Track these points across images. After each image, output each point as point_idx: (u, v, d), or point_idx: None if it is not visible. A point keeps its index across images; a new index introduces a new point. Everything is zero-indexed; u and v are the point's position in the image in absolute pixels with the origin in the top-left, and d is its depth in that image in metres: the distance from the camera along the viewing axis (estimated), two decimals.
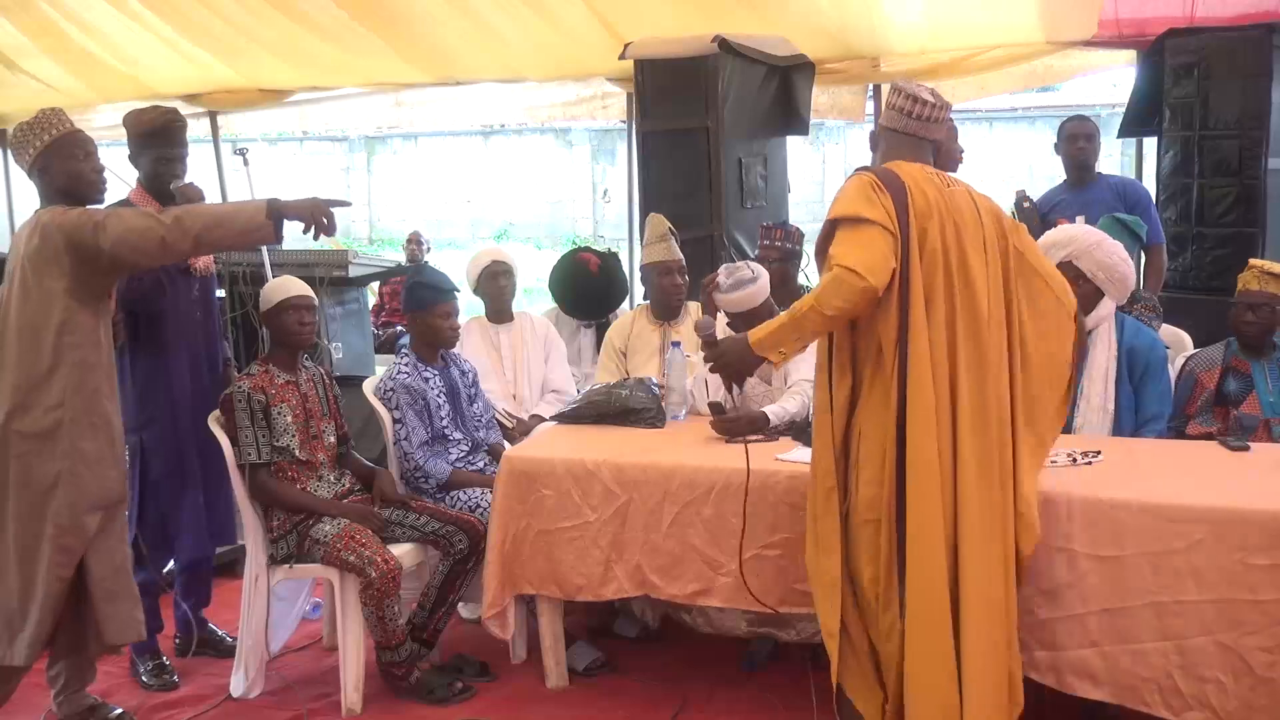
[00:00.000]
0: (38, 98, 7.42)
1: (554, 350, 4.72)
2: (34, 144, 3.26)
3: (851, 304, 2.80)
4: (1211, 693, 2.76)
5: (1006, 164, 14.09)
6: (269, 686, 3.72)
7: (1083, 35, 5.54)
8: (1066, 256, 3.68)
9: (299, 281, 3.83)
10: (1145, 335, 3.80)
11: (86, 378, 3.20)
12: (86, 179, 3.29)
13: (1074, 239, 3.73)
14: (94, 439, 3.22)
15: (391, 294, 8.21)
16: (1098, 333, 3.71)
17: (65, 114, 3.33)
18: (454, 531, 3.72)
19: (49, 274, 3.15)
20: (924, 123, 2.98)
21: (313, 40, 6.47)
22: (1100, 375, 3.69)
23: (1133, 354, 3.73)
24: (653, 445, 3.62)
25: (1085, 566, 2.89)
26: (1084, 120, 5.15)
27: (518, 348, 4.65)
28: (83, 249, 3.15)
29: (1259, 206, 4.97)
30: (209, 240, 3.31)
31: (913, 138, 2.99)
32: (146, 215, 3.26)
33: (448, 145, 18.42)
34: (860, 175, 2.95)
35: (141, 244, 3.19)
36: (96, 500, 3.22)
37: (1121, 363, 3.72)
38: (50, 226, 3.16)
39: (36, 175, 3.30)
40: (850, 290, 2.77)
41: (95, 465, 3.21)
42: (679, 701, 3.55)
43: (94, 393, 3.22)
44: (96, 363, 3.24)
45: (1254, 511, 2.77)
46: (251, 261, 4.73)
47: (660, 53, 5.21)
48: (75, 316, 3.18)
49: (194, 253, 3.42)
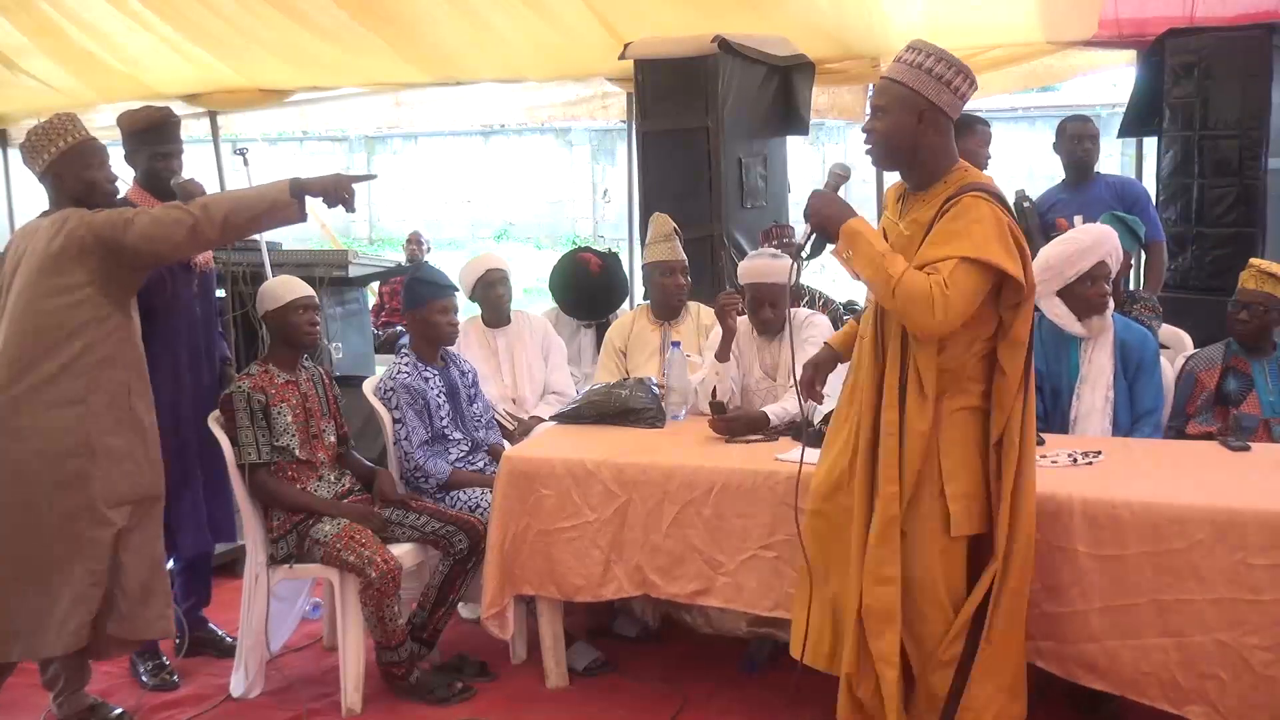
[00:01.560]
0: (38, 98, 7.45)
1: (554, 351, 4.71)
2: (48, 150, 3.29)
3: (913, 324, 2.72)
4: (1211, 689, 2.77)
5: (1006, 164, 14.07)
6: (269, 686, 3.72)
7: (1083, 35, 5.54)
8: (1103, 256, 3.69)
9: (301, 281, 3.83)
10: (1136, 331, 3.81)
11: (110, 374, 3.24)
12: (101, 188, 3.34)
13: (1103, 235, 3.75)
14: (120, 435, 3.26)
15: (391, 294, 8.22)
16: (1101, 340, 3.72)
17: (78, 119, 3.37)
18: (454, 531, 3.72)
19: (72, 273, 3.18)
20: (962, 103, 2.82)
21: (313, 40, 6.47)
22: (1104, 381, 3.69)
23: (1125, 350, 3.74)
24: (652, 445, 3.62)
25: (1087, 565, 2.90)
26: (1087, 120, 5.15)
27: (515, 350, 4.64)
28: (113, 245, 3.19)
29: (1259, 206, 4.97)
30: (236, 223, 3.34)
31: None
32: (173, 207, 3.31)
33: (448, 145, 18.41)
34: (997, 209, 2.74)
35: (172, 234, 3.24)
36: (126, 495, 3.26)
37: (1116, 361, 3.73)
38: (80, 227, 3.19)
39: (49, 181, 3.33)
40: (925, 316, 2.67)
41: (124, 461, 3.26)
42: (679, 701, 3.55)
43: (120, 389, 3.26)
44: (123, 360, 3.28)
45: (1254, 511, 2.77)
46: (251, 261, 4.74)
47: (660, 53, 5.21)
48: (101, 313, 3.22)
49: (222, 239, 3.45)
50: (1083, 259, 3.67)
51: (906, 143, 2.80)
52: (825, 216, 2.84)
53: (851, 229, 2.79)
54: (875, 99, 2.86)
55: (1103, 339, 3.72)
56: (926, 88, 2.75)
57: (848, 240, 2.79)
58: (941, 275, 2.67)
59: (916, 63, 2.76)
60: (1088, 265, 3.67)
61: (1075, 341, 3.74)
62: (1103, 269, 3.68)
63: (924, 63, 2.75)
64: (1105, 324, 3.72)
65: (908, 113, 2.77)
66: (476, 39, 6.34)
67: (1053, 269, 3.70)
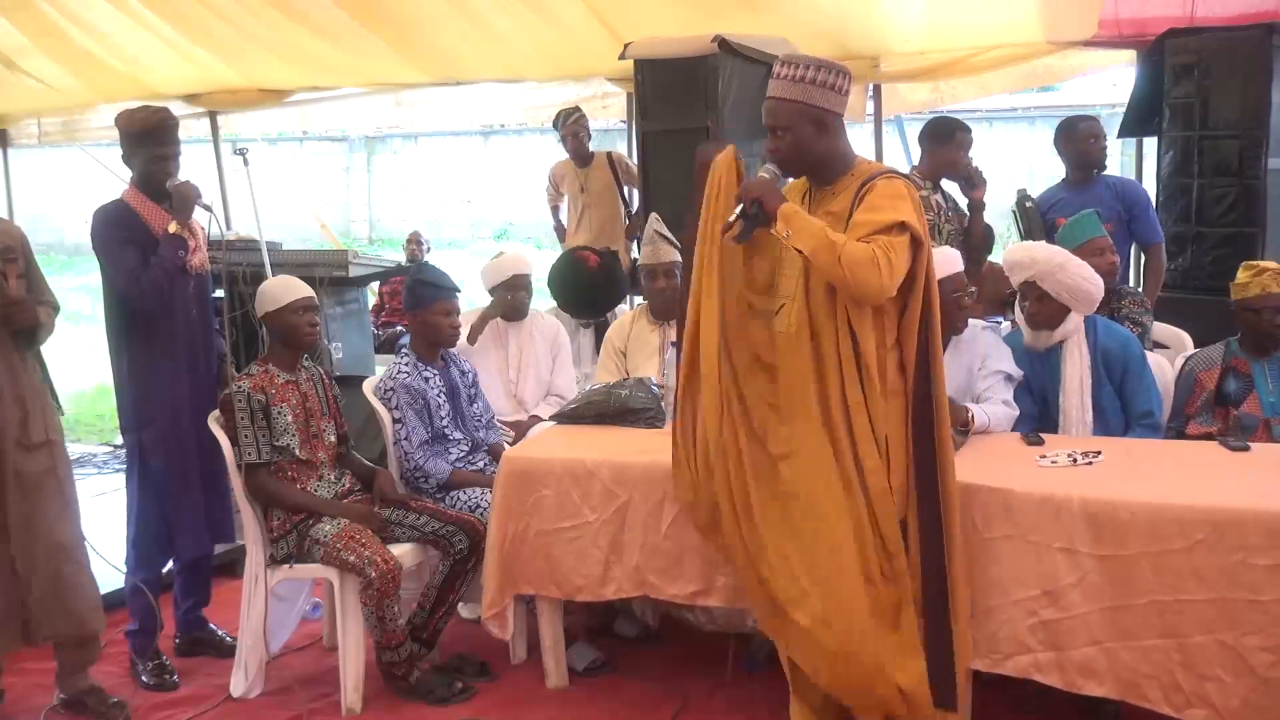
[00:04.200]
0: (38, 98, 7.46)
1: (561, 352, 4.72)
2: None
3: (859, 287, 2.83)
4: (1213, 691, 2.77)
5: (1006, 164, 14.07)
6: (269, 686, 3.72)
7: (1083, 35, 5.54)
8: (1030, 277, 3.72)
9: (300, 281, 3.83)
10: (1117, 334, 3.80)
11: None
12: None
13: (1036, 260, 3.75)
14: None
15: (391, 294, 8.21)
16: (1068, 345, 3.72)
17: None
18: (454, 531, 3.72)
19: None
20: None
21: (313, 40, 6.47)
22: (1075, 388, 3.70)
23: (1108, 356, 3.73)
24: (652, 445, 3.61)
25: (1087, 565, 2.89)
26: (1096, 120, 5.15)
27: (525, 347, 4.65)
28: None
29: (1259, 207, 4.97)
30: None
31: None
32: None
33: (448, 145, 18.40)
34: (912, 188, 2.97)
35: None
36: None
37: (1098, 366, 3.72)
38: None
39: None
40: (873, 277, 2.80)
41: None
42: (679, 701, 3.55)
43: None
44: None
45: (1255, 511, 2.77)
46: (252, 261, 4.73)
47: (660, 53, 5.21)
48: None
49: None
50: (1012, 273, 3.79)
51: (812, 150, 2.99)
52: (764, 196, 2.96)
53: (789, 209, 2.93)
54: (770, 121, 3.00)
55: (1071, 344, 3.72)
56: (814, 97, 2.93)
57: (785, 220, 2.91)
58: (880, 241, 2.83)
59: (796, 77, 2.93)
60: (1015, 282, 3.77)
61: (1055, 348, 3.75)
62: (1031, 289, 3.72)
63: (804, 75, 2.94)
64: (1067, 329, 3.71)
65: (805, 124, 2.95)
66: (476, 39, 6.35)
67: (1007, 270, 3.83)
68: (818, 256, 2.84)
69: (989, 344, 3.71)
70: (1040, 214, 4.95)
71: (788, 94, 2.95)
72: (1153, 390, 3.77)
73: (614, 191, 6.66)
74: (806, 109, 2.93)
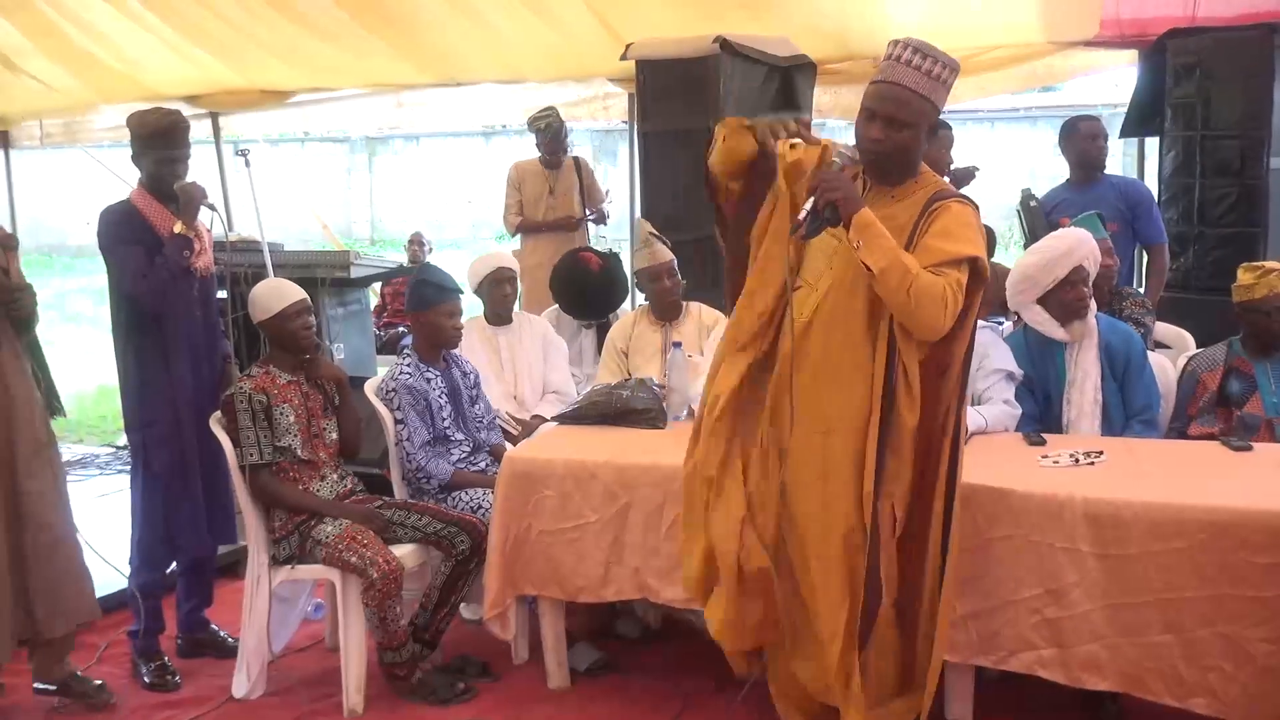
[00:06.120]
0: (38, 98, 7.46)
1: (553, 350, 4.72)
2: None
3: (922, 323, 2.68)
4: (1214, 680, 2.78)
5: (1008, 164, 14.07)
6: (271, 687, 3.72)
7: (1084, 35, 5.55)
8: (1079, 261, 3.68)
9: (291, 284, 3.82)
10: (1120, 331, 3.81)
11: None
12: None
13: (1081, 241, 3.73)
14: None
15: (393, 295, 8.22)
16: (1086, 343, 3.72)
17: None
18: (456, 532, 3.72)
19: None
20: None
21: (314, 41, 6.48)
22: (1088, 384, 3.69)
23: (1111, 351, 3.74)
24: (654, 446, 3.61)
25: (1090, 564, 2.90)
26: (1098, 120, 5.15)
27: (516, 349, 4.65)
28: None
29: (1260, 207, 4.98)
30: None
31: None
32: None
33: (449, 146, 18.40)
34: (977, 210, 2.78)
35: None
36: None
37: (1103, 361, 3.73)
38: None
39: None
40: (938, 316, 2.65)
41: None
42: (680, 702, 3.55)
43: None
44: None
45: (1256, 511, 2.78)
46: (254, 262, 4.73)
47: (661, 53, 5.21)
48: None
49: None
50: (1058, 265, 3.70)
51: (915, 152, 2.77)
52: (844, 197, 2.68)
53: (866, 218, 2.67)
54: (894, 111, 2.69)
55: (1087, 342, 3.72)
56: (940, 98, 2.70)
57: (860, 230, 2.66)
58: (952, 278, 2.66)
59: (934, 74, 2.68)
60: (1064, 271, 3.69)
61: (1060, 346, 3.74)
62: (1080, 273, 3.69)
63: (938, 72, 2.69)
64: (1088, 327, 3.72)
65: (925, 125, 2.73)
66: (477, 40, 6.35)
67: (1029, 279, 3.74)
68: (886, 277, 2.64)
69: (989, 343, 3.70)
70: (1044, 214, 4.95)
71: (922, 88, 2.66)
72: (1152, 386, 3.78)
73: (575, 196, 6.69)
74: (934, 110, 2.69)
